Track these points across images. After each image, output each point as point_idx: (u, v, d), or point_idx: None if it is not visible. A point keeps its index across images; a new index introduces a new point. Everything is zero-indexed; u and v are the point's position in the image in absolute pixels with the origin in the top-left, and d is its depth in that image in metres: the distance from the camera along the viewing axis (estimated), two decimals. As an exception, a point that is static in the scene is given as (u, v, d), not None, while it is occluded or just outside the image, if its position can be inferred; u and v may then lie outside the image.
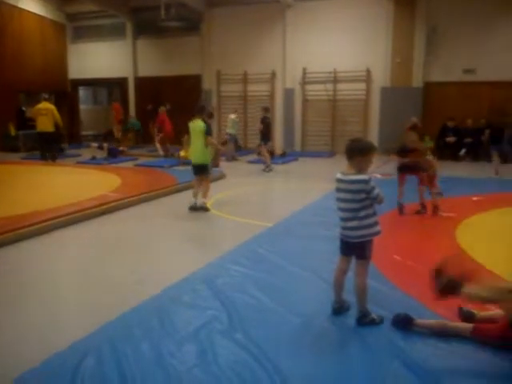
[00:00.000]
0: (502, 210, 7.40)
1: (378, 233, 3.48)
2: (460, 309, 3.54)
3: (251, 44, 16.84)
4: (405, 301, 3.95)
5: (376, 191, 3.38)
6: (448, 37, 14.62)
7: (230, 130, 14.36)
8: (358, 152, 3.41)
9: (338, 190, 3.49)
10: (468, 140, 14.09)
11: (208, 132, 7.42)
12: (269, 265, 4.84)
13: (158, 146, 14.97)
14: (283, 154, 14.75)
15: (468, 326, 3.28)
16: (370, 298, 3.58)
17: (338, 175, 3.50)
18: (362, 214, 3.40)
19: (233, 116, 14.48)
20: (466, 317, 3.47)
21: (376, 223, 3.47)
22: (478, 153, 14.05)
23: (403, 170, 7.14)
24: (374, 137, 15.11)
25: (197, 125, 7.40)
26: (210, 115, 8.79)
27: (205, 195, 7.51)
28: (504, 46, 14.06)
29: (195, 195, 7.47)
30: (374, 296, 3.77)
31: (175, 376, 2.87)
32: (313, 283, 4.36)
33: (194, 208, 7.38)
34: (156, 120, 14.98)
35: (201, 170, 7.53)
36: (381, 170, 10.94)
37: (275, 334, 3.37)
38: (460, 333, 3.26)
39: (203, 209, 7.38)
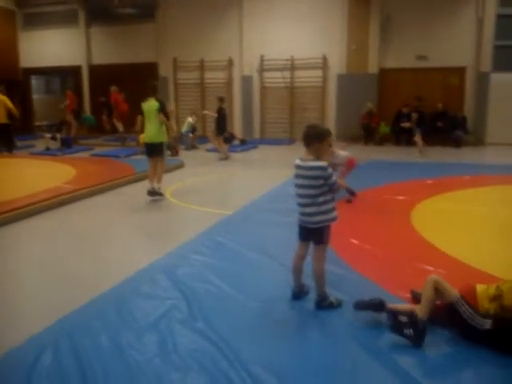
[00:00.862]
0: (455, 193, 7.64)
1: (335, 218, 3.53)
2: (411, 291, 3.64)
3: (208, 31, 16.65)
4: (362, 284, 4.04)
5: (333, 178, 3.42)
6: (401, 24, 14.85)
7: (185, 129, 14.28)
8: (316, 138, 3.44)
9: (297, 176, 3.52)
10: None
11: (163, 110, 7.29)
12: (228, 253, 4.85)
13: (116, 122, 14.67)
14: (243, 142, 14.73)
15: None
16: (328, 282, 3.64)
17: (297, 161, 3.53)
18: (320, 200, 3.44)
19: (190, 119, 14.39)
20: (417, 298, 3.54)
21: (333, 209, 3.52)
22: (432, 138, 14.42)
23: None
24: (331, 123, 15.25)
25: (151, 104, 7.26)
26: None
27: (159, 181, 7.39)
28: (454, 33, 14.42)
29: (151, 179, 7.34)
30: (333, 280, 3.84)
31: (135, 367, 2.84)
32: (272, 269, 4.39)
33: (153, 193, 7.27)
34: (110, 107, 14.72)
35: (155, 150, 7.34)
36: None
37: (235, 321, 3.39)
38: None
39: (159, 194, 7.28)
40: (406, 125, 14.40)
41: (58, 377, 2.78)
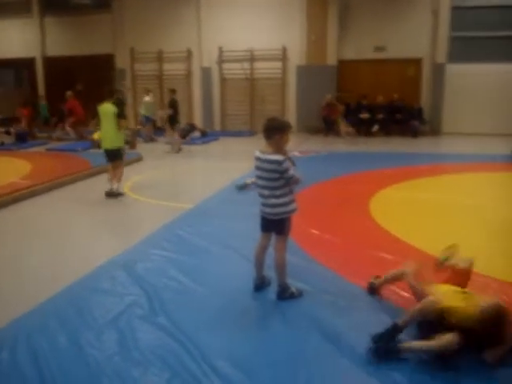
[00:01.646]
0: (412, 182, 7.82)
1: (294, 210, 3.55)
2: (370, 283, 3.70)
3: (166, 21, 16.38)
4: (323, 274, 4.10)
5: (291, 172, 3.41)
6: (359, 15, 15.03)
7: (143, 112, 14.03)
8: (275, 131, 3.43)
9: (257, 167, 3.52)
10: (380, 116, 14.67)
11: (120, 115, 7.14)
12: (190, 246, 4.82)
13: (68, 129, 14.33)
14: (204, 134, 14.62)
15: None
16: (289, 273, 3.67)
17: (257, 153, 3.52)
18: (278, 192, 3.45)
19: (147, 98, 14.15)
20: (372, 289, 3.65)
21: (292, 201, 3.53)
22: (390, 128, 14.70)
23: None
24: (292, 115, 15.33)
25: (107, 108, 7.10)
26: (121, 98, 8.28)
27: (119, 180, 7.24)
28: (411, 24, 14.68)
29: (111, 180, 7.20)
30: (294, 270, 3.87)
31: (95, 366, 2.80)
32: (234, 261, 4.39)
33: (111, 194, 7.13)
34: (65, 106, 14.27)
35: (114, 155, 7.22)
36: (300, 148, 11.13)
37: (198, 315, 3.37)
38: None
39: (119, 194, 7.16)
40: (365, 116, 14.64)
41: (15, 378, 2.70)
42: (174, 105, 12.08)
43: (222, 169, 9.67)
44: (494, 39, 14.22)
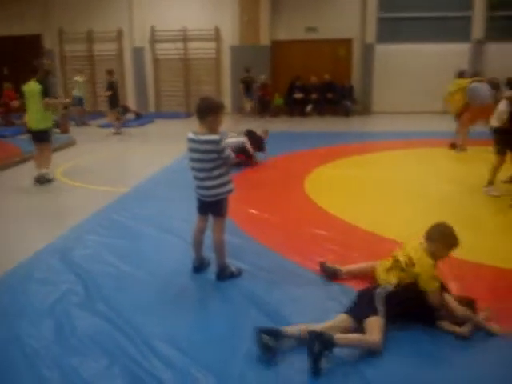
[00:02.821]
0: (345, 160, 8.05)
1: (231, 191, 3.57)
2: (322, 264, 3.69)
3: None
4: (262, 252, 4.17)
5: (227, 152, 3.43)
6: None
7: (76, 93, 13.50)
8: (209, 111, 3.40)
9: (191, 149, 3.48)
10: (313, 96, 14.90)
11: (46, 93, 6.79)
12: (126, 231, 4.75)
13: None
14: (138, 116, 14.27)
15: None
16: (228, 253, 3.71)
17: (190, 135, 3.48)
18: (215, 173, 3.44)
19: (77, 78, 13.62)
20: (330, 273, 3.62)
21: (229, 182, 3.55)
22: (324, 108, 14.98)
23: None
24: (227, 96, 15.29)
25: (32, 87, 6.75)
26: (47, 73, 7.84)
27: (47, 165, 6.96)
28: (341, 5, 14.95)
29: (39, 166, 6.90)
30: (233, 250, 3.92)
31: (33, 355, 2.73)
32: (172, 244, 4.38)
33: (40, 179, 6.83)
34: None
35: (41, 137, 6.88)
36: (235, 129, 11.13)
37: (135, 299, 3.35)
38: None
39: (48, 180, 6.89)
40: (299, 96, 14.83)
41: None
42: (112, 87, 11.71)
43: (158, 151, 9.54)
44: (421, 20, 14.74)
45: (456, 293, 3.18)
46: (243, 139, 7.57)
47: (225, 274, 3.64)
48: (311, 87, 15.00)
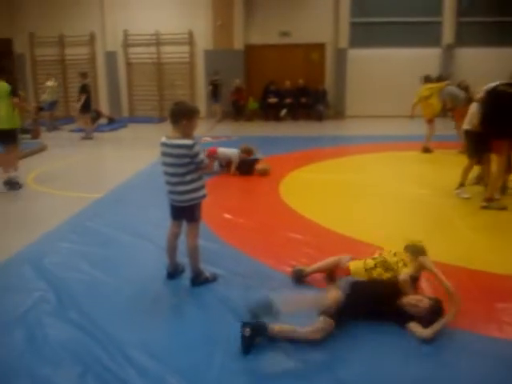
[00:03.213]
0: (318, 164, 8.12)
1: (204, 196, 3.56)
2: (293, 268, 3.72)
3: (67, 3, 15.55)
4: (237, 257, 4.17)
5: (201, 156, 3.42)
6: (265, 1, 15.17)
7: (46, 97, 13.25)
8: (182, 116, 3.38)
9: (164, 154, 3.46)
10: (288, 101, 14.98)
11: (14, 93, 6.68)
12: (99, 237, 4.69)
13: None
14: (111, 121, 14.13)
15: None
16: (203, 258, 3.70)
17: (163, 139, 3.46)
18: (188, 178, 3.43)
19: (49, 83, 13.41)
20: (298, 276, 3.65)
21: (202, 187, 3.53)
22: (297, 113, 15.06)
23: None
24: (201, 100, 15.24)
25: (1, 87, 6.66)
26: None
27: (15, 167, 6.82)
28: (314, 10, 15.06)
29: (6, 169, 6.72)
30: (208, 255, 3.91)
31: (5, 365, 2.68)
32: (146, 250, 4.35)
33: (9, 183, 6.69)
34: None
35: (7, 137, 6.70)
36: (210, 133, 11.14)
37: (109, 306, 3.31)
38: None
39: (16, 184, 6.73)
40: (273, 100, 14.89)
41: None
42: (85, 90, 11.56)
43: (131, 157, 9.45)
44: (393, 25, 14.98)
45: (426, 293, 3.25)
46: (235, 156, 7.42)
47: (199, 280, 3.62)
48: (285, 92, 15.08)
